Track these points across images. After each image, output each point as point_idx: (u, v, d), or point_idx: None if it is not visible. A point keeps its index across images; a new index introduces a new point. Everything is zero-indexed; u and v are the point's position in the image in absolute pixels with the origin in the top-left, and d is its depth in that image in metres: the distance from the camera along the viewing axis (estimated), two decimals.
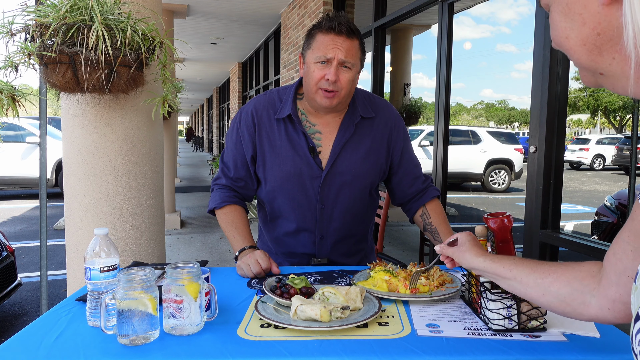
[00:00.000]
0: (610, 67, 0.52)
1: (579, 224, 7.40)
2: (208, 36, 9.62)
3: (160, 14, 2.23)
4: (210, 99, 25.16)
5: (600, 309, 0.74)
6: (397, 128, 1.61)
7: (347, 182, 1.53)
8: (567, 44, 0.54)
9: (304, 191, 1.52)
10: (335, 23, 1.39)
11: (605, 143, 18.08)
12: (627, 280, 0.68)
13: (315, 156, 1.51)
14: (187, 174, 14.26)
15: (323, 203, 1.54)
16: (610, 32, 0.50)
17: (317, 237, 1.57)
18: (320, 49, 1.40)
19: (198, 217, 7.31)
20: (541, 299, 0.84)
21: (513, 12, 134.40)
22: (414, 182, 1.63)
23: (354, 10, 5.55)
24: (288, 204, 1.55)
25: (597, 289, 0.75)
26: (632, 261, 0.67)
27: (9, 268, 3.24)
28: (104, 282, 1.05)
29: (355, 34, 1.42)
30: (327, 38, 1.40)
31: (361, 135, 1.55)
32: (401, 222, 6.81)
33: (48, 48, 1.64)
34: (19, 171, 8.44)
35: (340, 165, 1.52)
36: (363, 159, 1.54)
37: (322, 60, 1.40)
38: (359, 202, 1.58)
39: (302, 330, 0.97)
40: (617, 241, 0.70)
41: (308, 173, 1.51)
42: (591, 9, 0.51)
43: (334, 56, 1.38)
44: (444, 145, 3.41)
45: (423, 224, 1.62)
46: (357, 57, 1.43)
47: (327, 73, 1.39)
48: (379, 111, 1.59)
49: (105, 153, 2.07)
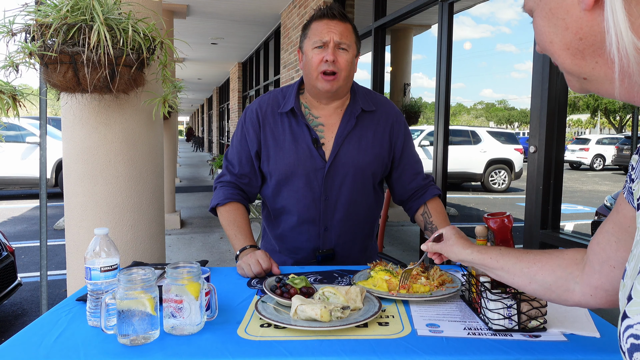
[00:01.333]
0: (593, 72, 0.53)
1: (579, 224, 7.40)
2: (208, 36, 9.62)
3: (160, 14, 2.24)
4: (210, 99, 25.17)
5: (583, 295, 0.79)
6: (399, 123, 1.63)
7: (350, 173, 1.55)
8: (551, 48, 0.56)
9: (308, 183, 1.55)
10: (326, 9, 1.49)
11: (605, 143, 18.07)
12: (610, 269, 0.72)
13: (318, 148, 1.54)
14: (187, 174, 14.26)
15: (327, 194, 1.56)
16: (593, 37, 0.51)
17: (321, 229, 1.58)
18: (316, 34, 1.48)
19: (198, 217, 7.31)
20: (527, 287, 0.88)
21: (513, 12, 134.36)
22: (415, 177, 1.64)
23: (354, 10, 5.55)
24: (292, 197, 1.57)
25: (581, 277, 0.79)
26: (615, 251, 0.71)
27: (9, 268, 3.24)
28: (104, 282, 1.05)
29: (347, 18, 1.50)
30: (321, 23, 1.48)
31: (363, 127, 1.58)
32: (401, 222, 6.81)
33: (49, 48, 1.64)
34: (19, 171, 8.44)
35: (343, 157, 1.55)
36: (365, 150, 1.57)
37: (319, 44, 1.47)
38: (363, 194, 1.60)
39: (302, 330, 0.97)
40: (600, 231, 0.74)
41: (311, 165, 1.54)
42: (573, 14, 0.51)
43: (330, 39, 1.46)
44: (444, 145, 3.41)
45: (424, 222, 1.61)
46: (352, 39, 1.50)
47: (325, 55, 1.46)
48: (380, 106, 1.62)
49: (105, 153, 2.07)
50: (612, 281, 0.73)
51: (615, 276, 0.72)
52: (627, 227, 0.68)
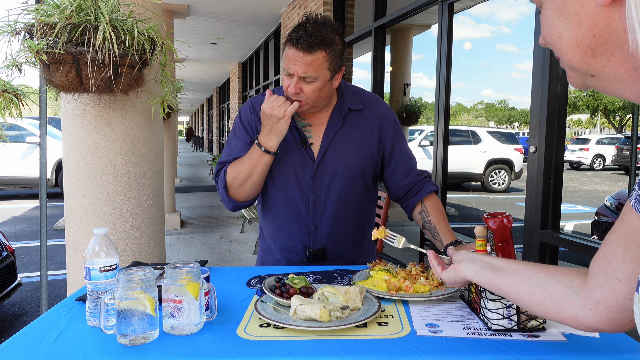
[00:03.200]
0: (603, 70, 0.51)
1: (579, 224, 7.41)
2: (208, 36, 9.62)
3: (160, 14, 2.24)
4: (210, 99, 25.16)
5: (581, 307, 0.72)
6: (388, 120, 1.63)
7: (338, 173, 1.56)
8: (559, 43, 0.52)
9: (297, 183, 1.56)
10: (295, 37, 1.39)
11: (605, 143, 18.08)
12: (615, 282, 0.66)
13: (307, 147, 1.55)
14: (187, 174, 14.26)
15: (315, 194, 1.57)
16: (607, 34, 0.48)
17: (311, 228, 1.59)
18: (285, 61, 1.45)
19: (198, 217, 7.31)
20: (523, 285, 0.82)
21: (513, 12, 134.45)
22: (407, 174, 1.64)
23: (354, 10, 5.54)
24: (282, 196, 1.58)
25: (582, 288, 0.73)
26: (621, 263, 0.65)
27: (9, 268, 3.24)
28: (104, 282, 1.05)
29: (318, 46, 1.39)
30: (290, 52, 1.41)
31: (351, 126, 1.58)
32: (401, 222, 6.82)
33: (51, 48, 1.64)
34: (19, 171, 8.45)
35: (331, 156, 1.55)
36: (354, 149, 1.57)
37: (286, 72, 1.45)
38: (353, 193, 1.60)
39: (301, 330, 0.97)
40: (605, 243, 0.68)
41: (300, 164, 1.55)
42: (588, 9, 0.48)
43: (294, 72, 1.42)
44: (444, 145, 3.41)
45: (422, 221, 1.61)
46: (320, 70, 1.42)
47: (290, 84, 1.43)
48: (368, 104, 1.62)
49: (105, 153, 2.08)
50: (617, 297, 0.66)
51: (621, 291, 0.66)
52: (633, 236, 0.63)
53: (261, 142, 1.46)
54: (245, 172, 1.49)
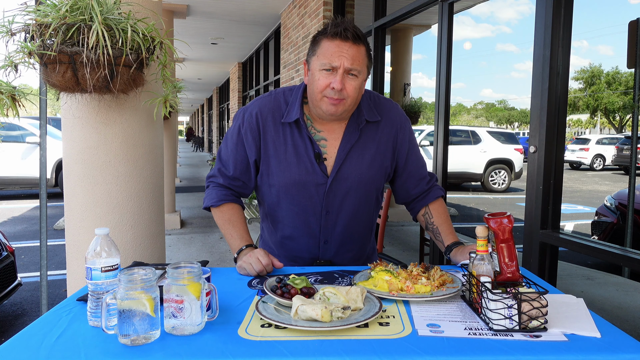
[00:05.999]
0: None
1: (579, 224, 7.41)
2: (208, 36, 9.62)
3: (160, 14, 2.23)
4: (210, 99, 25.16)
5: None
6: (403, 129, 1.58)
7: (352, 189, 1.51)
8: None
9: (309, 198, 1.50)
10: (341, 29, 1.34)
11: (605, 143, 18.09)
12: None
13: (320, 163, 1.48)
14: (187, 174, 14.25)
15: (328, 209, 1.52)
16: None
17: (321, 241, 1.56)
18: (325, 56, 1.35)
19: (198, 217, 7.31)
20: None
21: (513, 12, 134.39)
22: (419, 183, 1.62)
23: (354, 10, 5.55)
24: (292, 210, 1.53)
25: None
26: None
27: (9, 268, 3.24)
28: (105, 282, 1.05)
29: (361, 39, 1.37)
30: (332, 45, 1.34)
31: (366, 139, 1.52)
32: (401, 222, 6.82)
33: (48, 48, 1.64)
34: (19, 171, 8.45)
35: (345, 172, 1.50)
36: (368, 164, 1.52)
37: (327, 67, 1.35)
38: (364, 207, 1.57)
39: (303, 330, 0.97)
40: None
41: (313, 180, 1.48)
42: None
43: (340, 64, 1.34)
44: (444, 145, 3.41)
45: (425, 222, 1.62)
46: (363, 64, 1.38)
47: (332, 81, 1.35)
48: (385, 113, 1.56)
49: (105, 153, 2.07)
50: None
51: None
52: None
53: (234, 250, 1.48)
54: (223, 232, 1.56)
